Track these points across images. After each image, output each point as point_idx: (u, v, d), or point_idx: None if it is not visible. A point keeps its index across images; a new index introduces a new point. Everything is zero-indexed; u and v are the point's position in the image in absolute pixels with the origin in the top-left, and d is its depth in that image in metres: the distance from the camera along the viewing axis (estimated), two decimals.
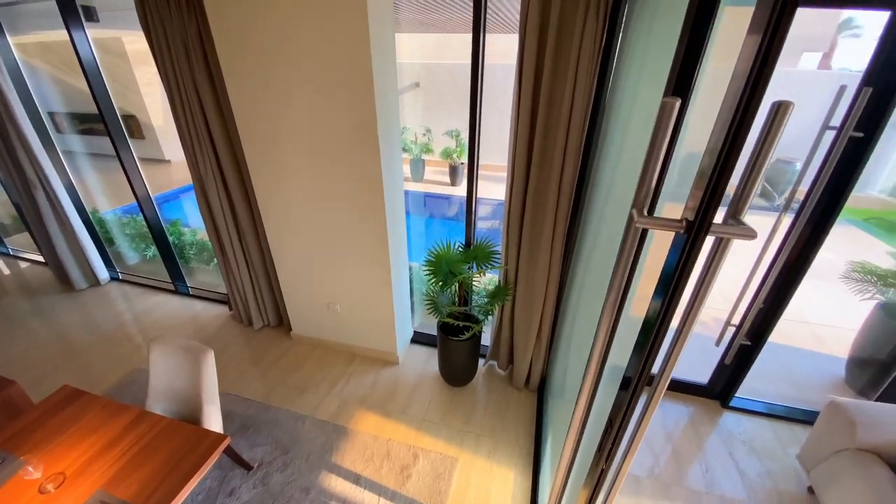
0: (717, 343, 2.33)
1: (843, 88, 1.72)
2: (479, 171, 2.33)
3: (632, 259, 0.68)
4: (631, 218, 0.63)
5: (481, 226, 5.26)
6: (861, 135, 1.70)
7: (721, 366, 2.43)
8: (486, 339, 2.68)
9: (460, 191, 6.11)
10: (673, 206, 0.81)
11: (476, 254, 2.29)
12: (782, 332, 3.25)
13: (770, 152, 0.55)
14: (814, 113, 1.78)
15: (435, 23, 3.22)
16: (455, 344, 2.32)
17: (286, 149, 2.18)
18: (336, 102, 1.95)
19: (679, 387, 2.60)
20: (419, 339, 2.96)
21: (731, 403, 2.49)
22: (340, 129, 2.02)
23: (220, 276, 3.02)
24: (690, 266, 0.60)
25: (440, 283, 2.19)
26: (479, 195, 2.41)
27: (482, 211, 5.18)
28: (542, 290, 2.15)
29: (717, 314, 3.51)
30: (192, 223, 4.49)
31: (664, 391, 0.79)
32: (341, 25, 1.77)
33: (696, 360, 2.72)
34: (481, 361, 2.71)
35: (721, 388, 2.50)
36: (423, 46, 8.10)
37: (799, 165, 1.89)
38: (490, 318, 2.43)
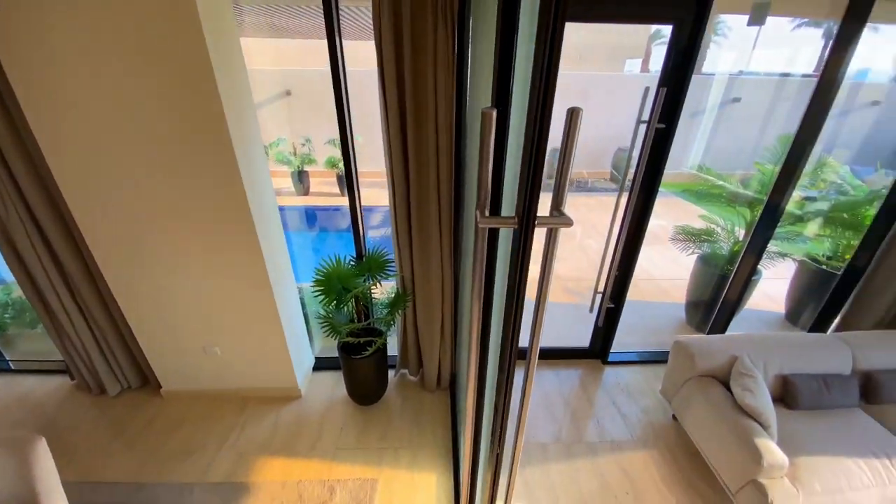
0: (591, 310, 2.68)
1: (647, 89, 2.12)
2: (368, 179, 2.28)
3: (485, 254, 0.72)
4: (476, 218, 0.66)
5: (375, 234, 5.19)
6: (663, 126, 2.11)
7: (596, 329, 2.80)
8: (394, 349, 2.64)
9: None
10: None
11: (370, 265, 2.24)
12: (637, 290, 3.90)
13: (573, 151, 0.63)
14: (636, 109, 2.16)
15: (293, 27, 3.04)
16: (359, 362, 2.23)
17: (116, 176, 1.82)
18: (172, 114, 1.69)
19: (568, 354, 2.93)
20: (323, 364, 2.77)
21: (609, 359, 2.90)
22: (184, 146, 1.76)
23: (51, 341, 2.40)
24: (528, 254, 0.66)
25: (334, 302, 2.08)
26: (368, 203, 2.36)
27: (374, 219, 5.10)
28: (439, 289, 2.20)
29: (591, 284, 4.04)
30: (6, 277, 3.48)
31: (536, 363, 0.86)
32: (166, 24, 1.54)
33: (578, 328, 3.09)
34: (391, 373, 2.66)
35: (599, 347, 2.89)
36: (290, 52, 7.62)
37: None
38: (393, 327, 2.40)
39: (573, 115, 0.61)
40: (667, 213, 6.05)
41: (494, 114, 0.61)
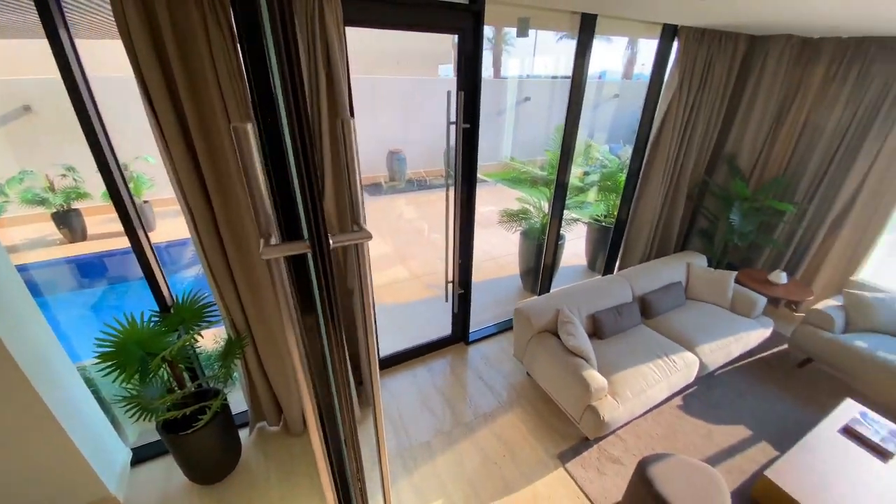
0: (446, 300, 2.82)
1: (449, 93, 2.30)
2: (174, 207, 1.82)
3: (286, 284, 0.63)
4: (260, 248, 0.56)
5: (189, 274, 4.34)
6: (468, 125, 2.33)
7: (454, 315, 2.98)
8: (242, 402, 2.25)
9: (156, 236, 4.72)
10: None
11: (181, 316, 1.82)
12: (482, 271, 4.33)
13: (354, 161, 0.59)
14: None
15: (4, 24, 2.19)
16: (193, 437, 1.79)
17: None
18: None
19: (435, 346, 3.03)
20: (148, 452, 2.14)
21: (470, 339, 3.13)
22: None
23: None
24: (330, 278, 0.60)
25: (136, 375, 1.62)
26: (178, 237, 1.90)
27: (185, 256, 4.17)
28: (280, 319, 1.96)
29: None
30: None
31: (378, 379, 0.81)
32: None
33: (440, 319, 3.24)
34: (244, 432, 2.26)
35: (460, 331, 3.09)
36: (27, 56, 5.62)
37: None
38: (235, 378, 2.04)
39: (344, 126, 0.56)
40: (494, 200, 6.89)
41: (250, 128, 0.52)
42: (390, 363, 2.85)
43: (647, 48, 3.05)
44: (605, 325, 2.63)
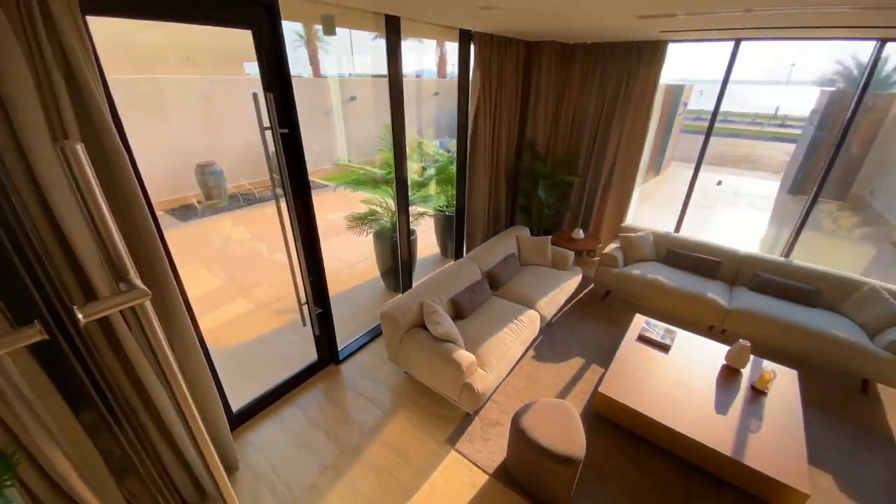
0: (304, 324, 2.58)
1: (255, 95, 2.04)
2: None
3: (22, 389, 0.43)
4: None
5: None
6: (287, 130, 2.13)
7: (317, 338, 2.75)
8: None
9: None
10: None
11: None
12: (340, 281, 4.14)
13: (96, 196, 0.44)
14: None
15: None
16: None
17: None
18: None
19: (302, 377, 2.75)
20: None
21: (341, 357, 2.96)
22: None
23: None
24: (91, 366, 0.44)
25: None
26: None
27: None
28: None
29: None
30: None
31: (216, 462, 0.66)
32: None
33: (300, 347, 2.95)
34: None
35: (328, 353, 2.88)
36: None
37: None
38: None
39: (69, 154, 0.41)
40: (340, 205, 6.60)
41: None
42: (250, 414, 2.46)
43: (455, 50, 3.36)
44: (464, 306, 2.84)
